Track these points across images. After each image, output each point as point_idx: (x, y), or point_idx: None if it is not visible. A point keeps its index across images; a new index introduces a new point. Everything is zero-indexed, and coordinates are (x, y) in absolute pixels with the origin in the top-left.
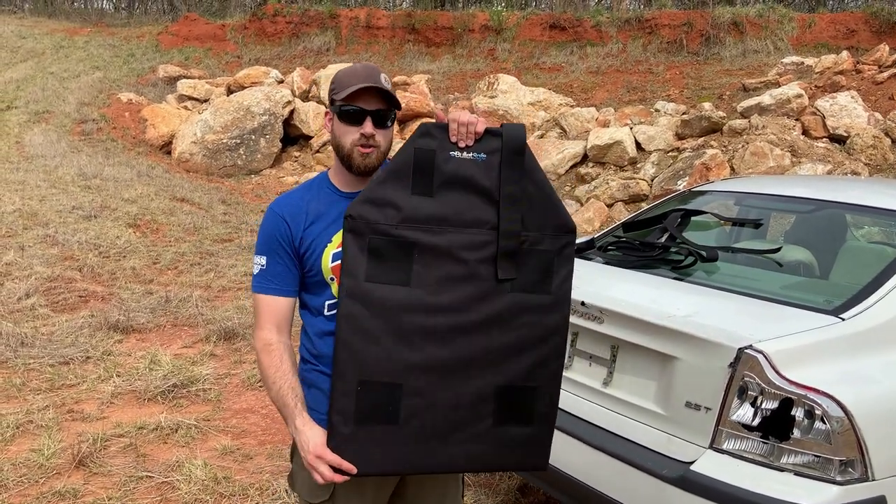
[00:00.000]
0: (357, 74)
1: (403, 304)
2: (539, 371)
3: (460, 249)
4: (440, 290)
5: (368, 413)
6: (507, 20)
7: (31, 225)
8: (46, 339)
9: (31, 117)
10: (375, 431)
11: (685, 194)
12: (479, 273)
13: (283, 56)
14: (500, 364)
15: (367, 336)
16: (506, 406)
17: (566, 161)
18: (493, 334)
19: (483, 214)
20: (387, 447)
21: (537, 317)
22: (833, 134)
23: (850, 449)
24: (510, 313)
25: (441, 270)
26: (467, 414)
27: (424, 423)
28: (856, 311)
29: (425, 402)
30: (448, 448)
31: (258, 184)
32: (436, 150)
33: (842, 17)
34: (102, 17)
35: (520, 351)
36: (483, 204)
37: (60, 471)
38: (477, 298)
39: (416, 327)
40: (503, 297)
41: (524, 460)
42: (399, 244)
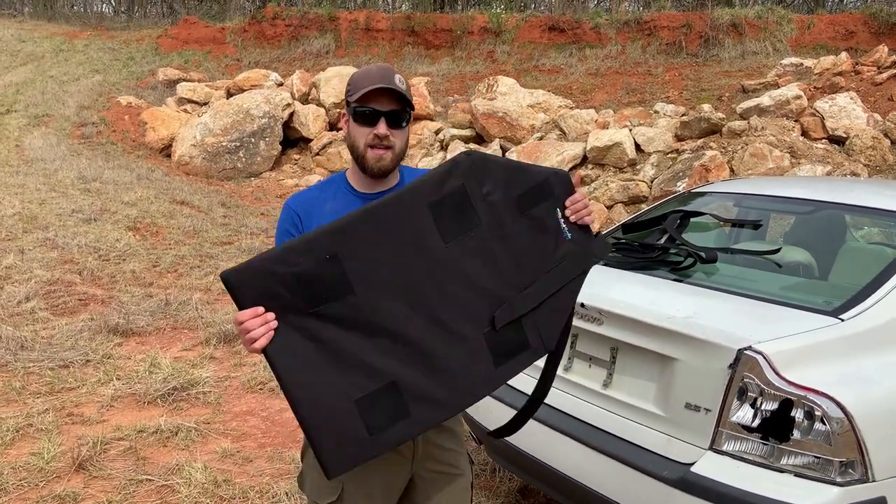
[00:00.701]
0: (371, 75)
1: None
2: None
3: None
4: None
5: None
6: (506, 22)
7: (31, 228)
8: (46, 342)
9: (31, 121)
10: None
11: (685, 196)
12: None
13: (282, 59)
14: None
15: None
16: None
17: (566, 163)
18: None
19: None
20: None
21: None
22: (832, 135)
23: (850, 450)
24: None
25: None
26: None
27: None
28: (855, 312)
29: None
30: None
31: (258, 186)
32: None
33: (841, 18)
34: (102, 21)
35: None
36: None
37: (60, 474)
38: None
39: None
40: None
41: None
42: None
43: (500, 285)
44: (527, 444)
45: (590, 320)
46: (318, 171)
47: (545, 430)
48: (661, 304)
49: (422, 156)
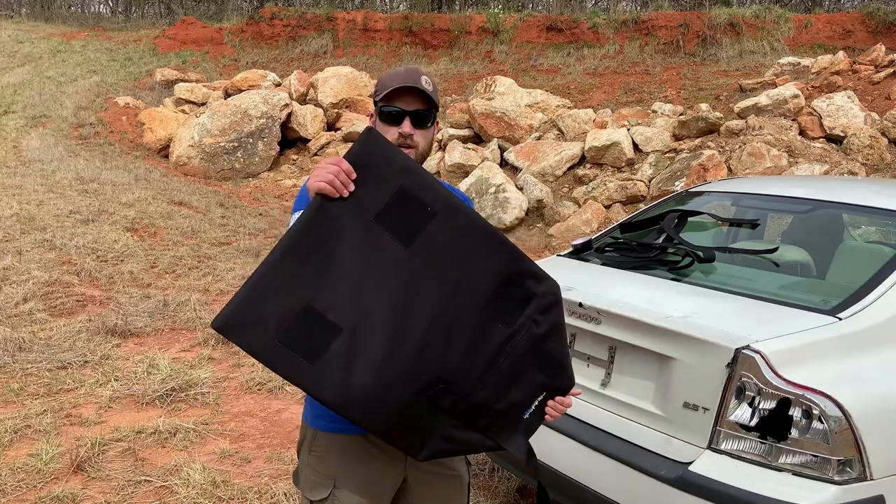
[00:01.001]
0: (399, 76)
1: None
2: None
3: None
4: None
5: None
6: (504, 22)
7: (29, 229)
8: (44, 343)
9: (29, 122)
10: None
11: (682, 195)
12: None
13: (280, 59)
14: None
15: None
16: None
17: (564, 163)
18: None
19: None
20: None
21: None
22: (830, 134)
23: (848, 448)
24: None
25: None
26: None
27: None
28: (853, 311)
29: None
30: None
31: (256, 187)
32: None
33: (838, 17)
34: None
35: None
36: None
37: (59, 475)
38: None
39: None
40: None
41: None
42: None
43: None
44: None
45: (588, 320)
46: None
47: (543, 430)
48: (659, 303)
49: None
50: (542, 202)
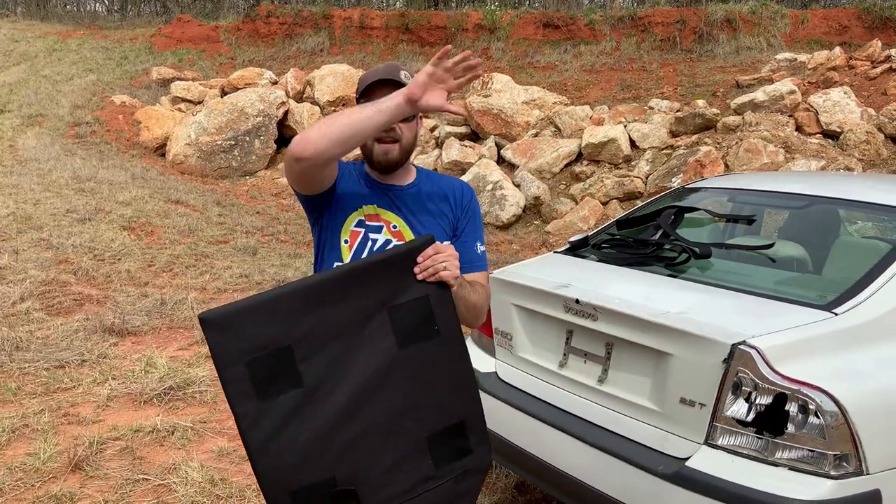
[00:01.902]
0: (377, 72)
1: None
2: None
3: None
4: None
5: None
6: (500, 19)
7: (26, 228)
8: (41, 342)
9: (25, 121)
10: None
11: (679, 191)
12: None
13: (276, 57)
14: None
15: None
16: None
17: (561, 159)
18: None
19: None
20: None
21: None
22: (826, 130)
23: (844, 443)
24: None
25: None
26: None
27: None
28: (849, 306)
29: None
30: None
31: (253, 185)
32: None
33: (834, 13)
34: (95, 20)
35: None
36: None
37: (56, 474)
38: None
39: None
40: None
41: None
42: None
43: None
44: (523, 440)
45: (585, 316)
46: None
47: (541, 426)
48: (656, 299)
49: (417, 153)
50: (539, 199)
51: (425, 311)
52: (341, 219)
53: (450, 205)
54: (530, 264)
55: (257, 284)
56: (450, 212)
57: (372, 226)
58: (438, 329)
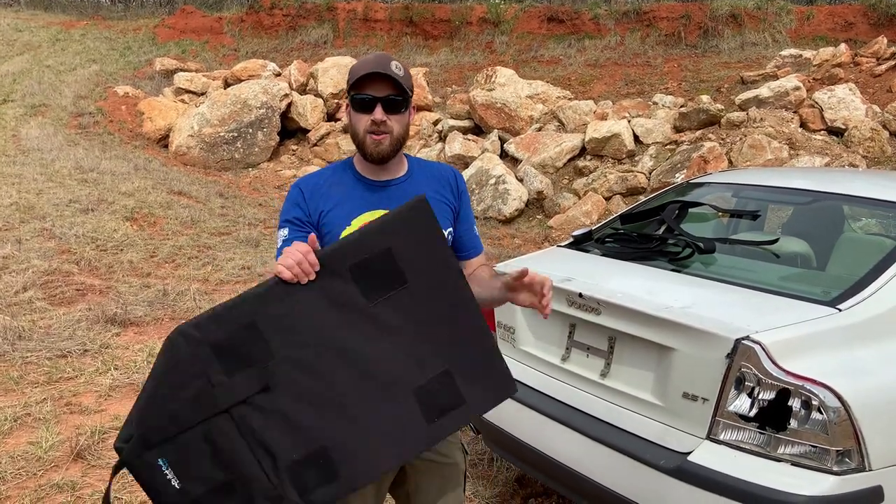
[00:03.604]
0: (367, 63)
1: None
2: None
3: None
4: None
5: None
6: (504, 13)
7: (28, 218)
8: (44, 332)
9: (28, 111)
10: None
11: (683, 186)
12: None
13: (280, 49)
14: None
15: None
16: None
17: (564, 154)
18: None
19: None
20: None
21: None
22: (831, 126)
23: (846, 439)
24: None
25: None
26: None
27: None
28: (853, 302)
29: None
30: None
31: (256, 177)
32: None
33: (840, 9)
34: (99, 10)
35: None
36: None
37: (58, 463)
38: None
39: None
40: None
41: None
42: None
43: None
44: (524, 433)
45: (588, 310)
46: (316, 162)
47: (542, 420)
48: (659, 294)
49: (420, 146)
50: (542, 193)
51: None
52: (336, 236)
53: (451, 190)
54: (533, 258)
55: (259, 276)
56: (451, 197)
57: None
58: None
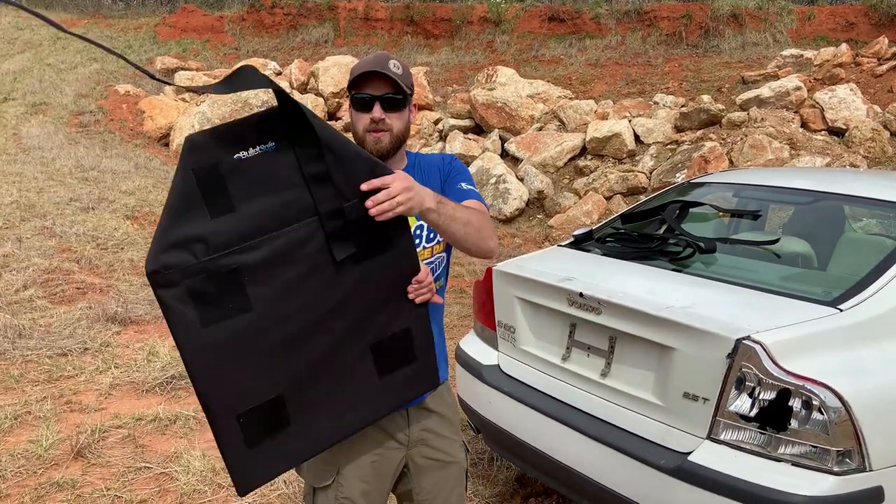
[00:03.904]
0: (366, 63)
1: (254, 328)
2: (405, 313)
3: (288, 251)
4: (285, 298)
5: (258, 434)
6: (505, 12)
7: (29, 216)
8: (44, 330)
9: (29, 109)
10: (272, 442)
11: (684, 186)
12: (318, 263)
13: (280, 48)
14: (366, 327)
15: (232, 375)
16: (385, 357)
17: (564, 154)
18: (351, 310)
19: (299, 204)
20: (287, 447)
21: (386, 272)
22: (832, 126)
23: (847, 439)
24: (361, 285)
25: (278, 280)
26: (353, 383)
27: (316, 412)
28: (854, 302)
29: (309, 398)
30: (347, 416)
31: None
32: (217, 162)
33: (841, 9)
34: (99, 9)
35: (380, 307)
36: (294, 194)
37: (59, 462)
38: (325, 288)
39: (275, 342)
40: (349, 274)
41: (416, 391)
42: (222, 275)
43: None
44: (524, 433)
45: (588, 310)
46: None
47: (543, 420)
48: (660, 293)
49: (421, 145)
50: (542, 193)
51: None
52: None
53: (439, 172)
54: (534, 257)
55: None
56: (439, 179)
57: None
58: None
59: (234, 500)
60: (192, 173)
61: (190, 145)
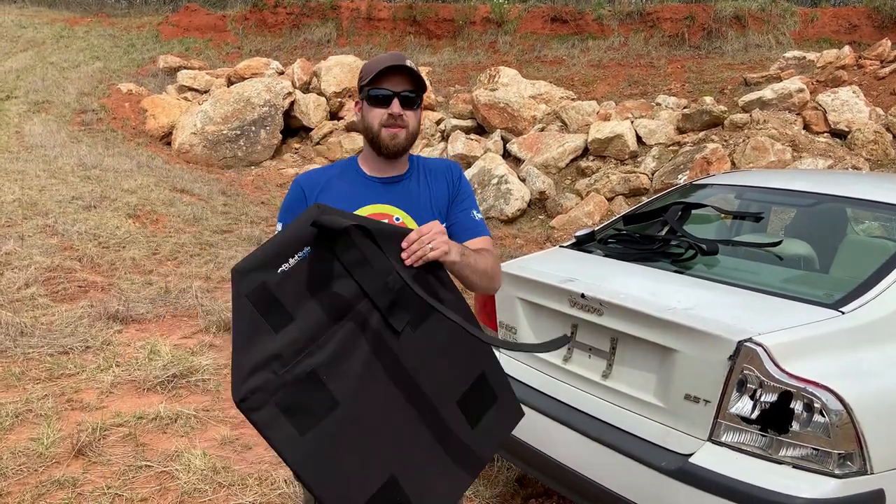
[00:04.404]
0: (383, 60)
1: (346, 419)
2: (475, 360)
3: (351, 339)
4: (364, 383)
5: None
6: (508, 12)
7: (31, 215)
8: (46, 328)
9: (31, 107)
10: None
11: (686, 187)
12: (382, 341)
13: (283, 47)
14: (447, 386)
15: (340, 471)
16: (471, 408)
17: (567, 154)
18: (427, 375)
19: (347, 292)
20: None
21: (445, 327)
22: (834, 129)
23: (848, 442)
24: (427, 348)
25: (352, 368)
26: (451, 441)
27: (428, 480)
28: (856, 305)
29: (418, 468)
30: (457, 473)
31: (258, 175)
32: (264, 281)
33: (844, 11)
34: (103, 7)
35: (453, 363)
36: (340, 285)
37: (59, 460)
38: (396, 361)
39: (369, 426)
40: (414, 340)
41: (507, 426)
42: (302, 381)
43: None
44: (525, 433)
45: (590, 311)
46: (319, 161)
47: (544, 420)
48: (662, 295)
49: (423, 146)
50: (544, 194)
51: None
52: None
53: (446, 183)
54: (536, 258)
55: None
56: (445, 190)
57: None
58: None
59: (234, 499)
60: (246, 299)
61: (237, 275)
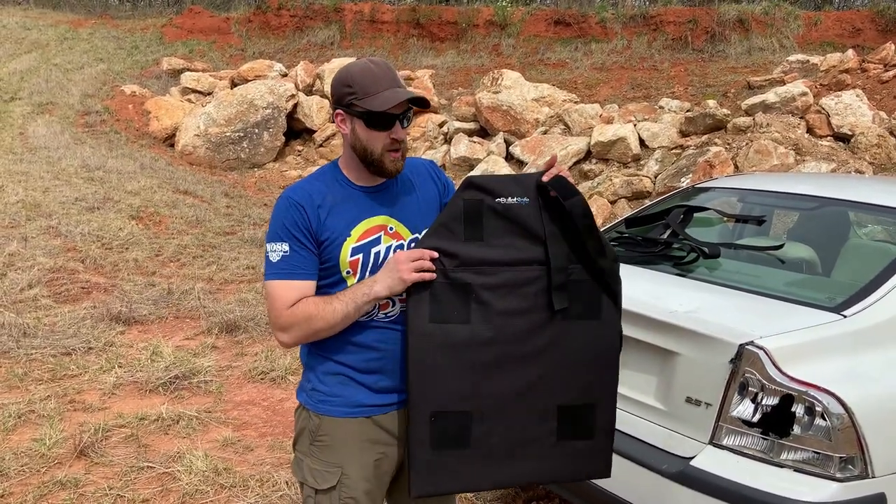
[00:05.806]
0: (379, 79)
1: (466, 340)
2: (595, 389)
3: (514, 287)
4: (499, 325)
5: (443, 439)
6: (511, 15)
7: (35, 216)
8: (49, 329)
9: (35, 108)
10: (451, 455)
11: (689, 191)
12: (535, 305)
13: (286, 50)
14: (559, 386)
15: (436, 372)
16: (567, 423)
17: (569, 157)
18: (550, 360)
19: (532, 253)
20: (461, 468)
21: (589, 340)
22: (837, 132)
23: (850, 446)
24: (564, 340)
25: (498, 307)
26: (532, 433)
27: (492, 444)
28: (858, 309)
29: (492, 426)
30: (515, 463)
31: (261, 177)
32: (482, 199)
33: (848, 15)
34: (107, 9)
35: (576, 373)
36: (531, 244)
37: (62, 460)
38: (533, 329)
39: (479, 360)
40: (557, 326)
41: (585, 470)
42: (457, 286)
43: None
44: None
45: None
46: (321, 163)
47: None
48: (664, 298)
49: (425, 148)
50: None
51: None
52: (336, 255)
53: (433, 181)
54: None
55: (263, 275)
56: (434, 188)
57: (368, 242)
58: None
59: (235, 500)
60: (462, 202)
61: (468, 183)
